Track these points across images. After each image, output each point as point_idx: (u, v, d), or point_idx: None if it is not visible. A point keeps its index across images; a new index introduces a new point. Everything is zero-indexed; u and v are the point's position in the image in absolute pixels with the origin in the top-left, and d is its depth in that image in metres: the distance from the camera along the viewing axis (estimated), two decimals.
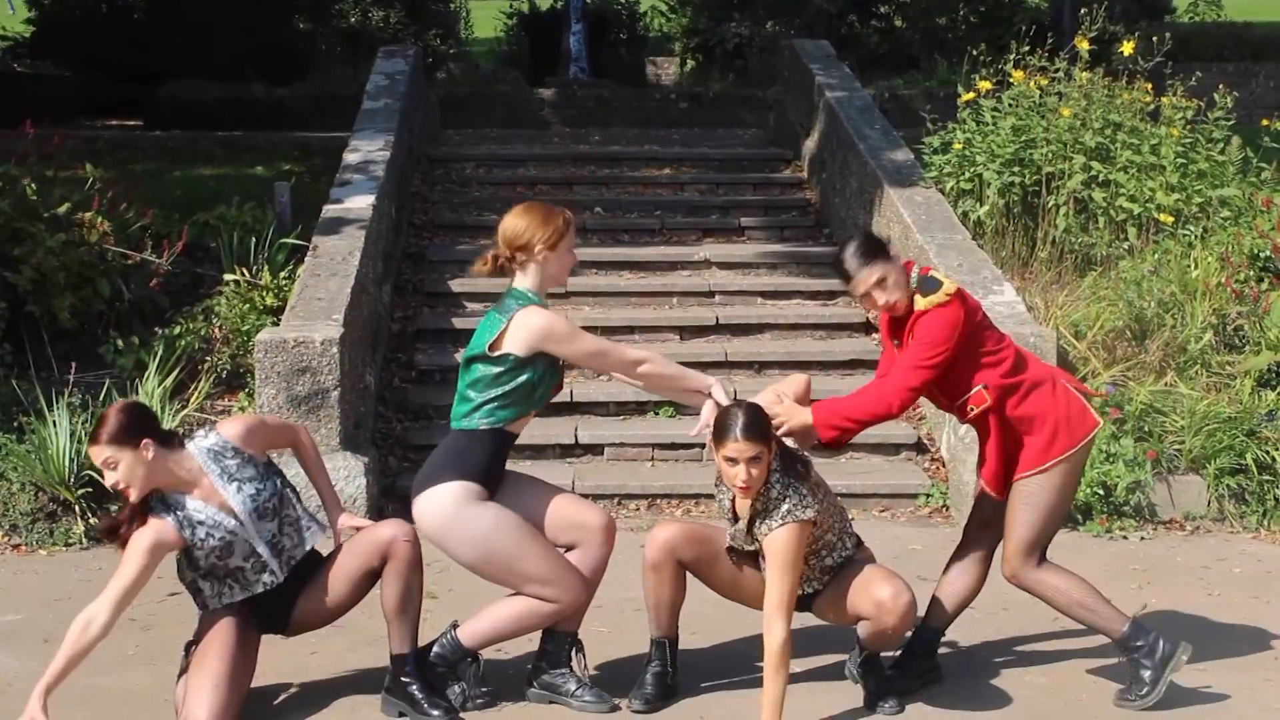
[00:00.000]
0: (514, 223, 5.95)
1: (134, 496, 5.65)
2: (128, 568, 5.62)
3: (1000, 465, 6.03)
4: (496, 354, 5.81)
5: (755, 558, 5.93)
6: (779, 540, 5.64)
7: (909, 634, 6.18)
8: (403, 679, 5.89)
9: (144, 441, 5.61)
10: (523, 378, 5.83)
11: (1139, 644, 6.05)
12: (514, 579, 5.88)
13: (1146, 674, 6.01)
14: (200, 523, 5.71)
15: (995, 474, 6.04)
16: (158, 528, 5.68)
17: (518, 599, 5.92)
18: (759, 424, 5.66)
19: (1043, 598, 6.14)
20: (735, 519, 5.90)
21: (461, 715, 5.90)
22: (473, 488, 5.81)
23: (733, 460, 5.63)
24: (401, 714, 5.89)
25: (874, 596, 5.79)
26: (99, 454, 5.61)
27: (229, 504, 5.74)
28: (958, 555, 6.28)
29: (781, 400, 5.96)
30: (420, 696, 5.86)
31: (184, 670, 5.86)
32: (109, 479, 5.64)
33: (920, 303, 5.89)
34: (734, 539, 5.95)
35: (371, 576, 5.92)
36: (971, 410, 5.95)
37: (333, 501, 6.19)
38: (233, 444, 5.81)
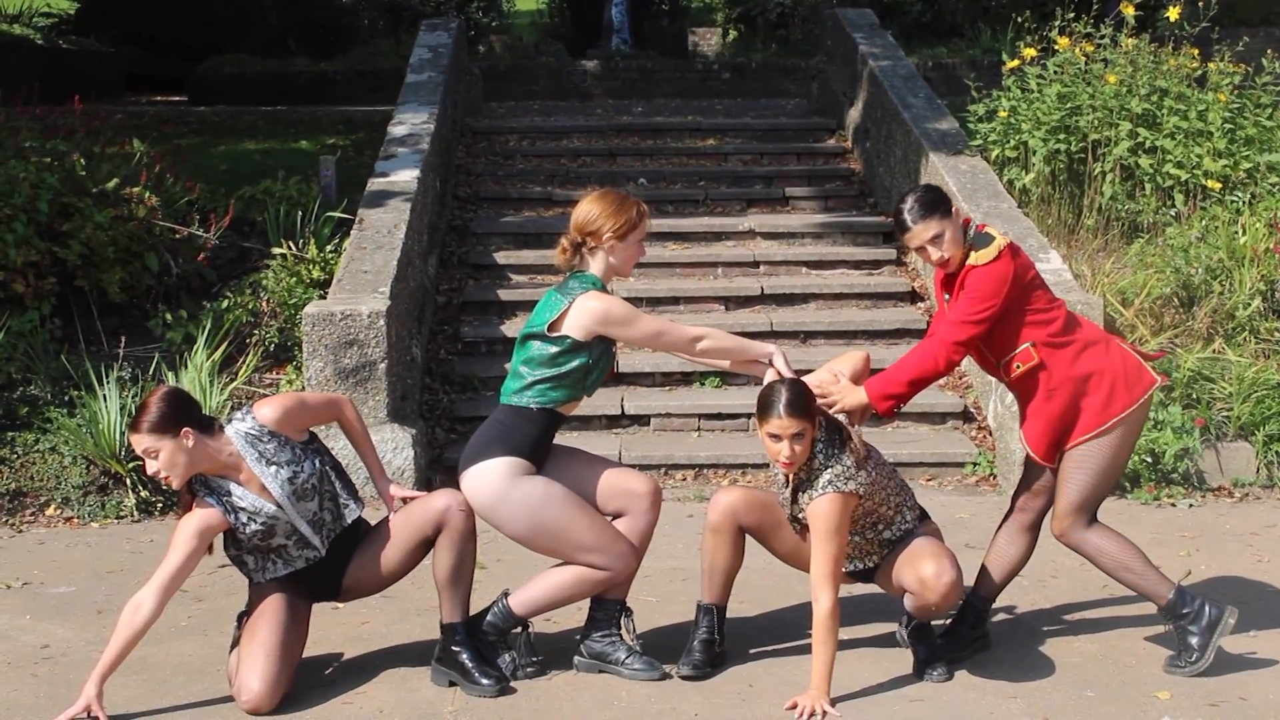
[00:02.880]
0: (587, 208, 5.98)
1: (175, 484, 5.69)
2: (175, 553, 5.66)
3: (1049, 430, 5.96)
4: (555, 335, 5.84)
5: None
6: (820, 510, 5.68)
7: (958, 605, 6.18)
8: (453, 648, 5.92)
9: (184, 430, 5.63)
10: (578, 361, 5.85)
11: (1185, 611, 6.03)
12: (564, 549, 5.90)
13: (1194, 640, 6.00)
14: (242, 508, 5.75)
15: (1043, 438, 5.97)
16: (204, 513, 5.72)
17: (568, 567, 5.95)
18: (801, 401, 5.67)
19: (1090, 558, 6.11)
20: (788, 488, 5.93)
21: (512, 684, 5.93)
22: (520, 463, 5.85)
23: (776, 437, 5.66)
24: (452, 683, 5.91)
25: (919, 573, 5.81)
26: (140, 443, 5.63)
27: (268, 488, 5.77)
28: (1006, 524, 6.26)
29: (838, 379, 5.96)
30: (471, 666, 5.89)
31: (236, 641, 5.91)
32: (150, 468, 5.66)
33: (972, 257, 5.87)
34: (785, 508, 5.98)
35: (425, 545, 5.94)
36: (1017, 368, 5.92)
37: (379, 473, 6.21)
38: (269, 428, 5.82)
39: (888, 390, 5.93)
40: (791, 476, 5.83)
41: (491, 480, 5.83)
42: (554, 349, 5.85)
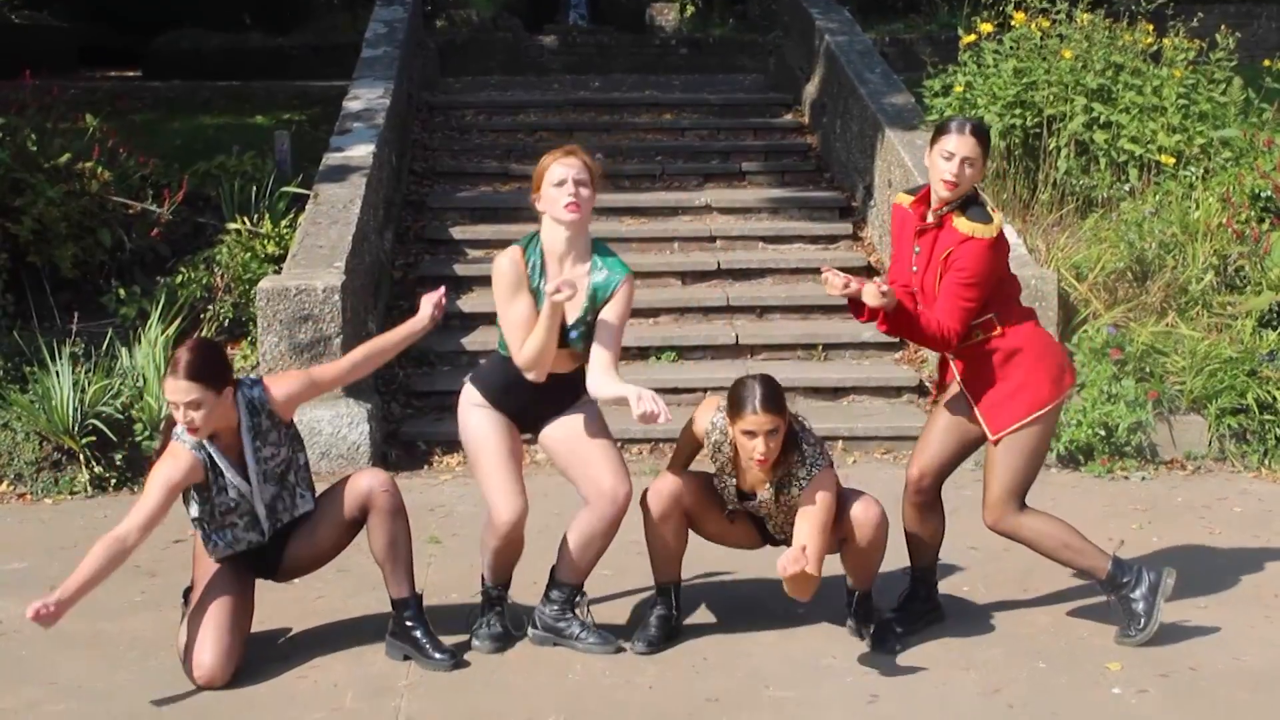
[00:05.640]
0: None
1: (201, 435, 5.67)
2: (153, 494, 5.61)
3: (1006, 407, 5.99)
4: None
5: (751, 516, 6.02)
6: (824, 498, 5.70)
7: (908, 574, 6.23)
8: (407, 623, 5.92)
9: (227, 389, 5.67)
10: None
11: (1125, 580, 6.07)
12: (476, 480, 6.06)
13: (1139, 606, 6.03)
14: (220, 473, 5.74)
15: (1003, 419, 5.97)
16: (184, 458, 5.68)
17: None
18: (776, 396, 5.67)
19: (1028, 543, 6.11)
20: (741, 498, 5.94)
21: (465, 658, 5.94)
22: (474, 393, 5.96)
23: (751, 434, 5.65)
24: (406, 657, 5.92)
25: (850, 516, 5.86)
26: (187, 392, 5.56)
27: (246, 461, 5.76)
28: (912, 509, 6.21)
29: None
30: (425, 640, 5.89)
31: (184, 617, 5.90)
32: (183, 417, 5.61)
33: (965, 225, 5.84)
34: (736, 504, 6.01)
35: (354, 525, 5.95)
36: (977, 336, 5.92)
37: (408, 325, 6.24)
38: (270, 406, 5.82)
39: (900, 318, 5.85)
40: (763, 480, 5.83)
41: (460, 399, 6.02)
42: None
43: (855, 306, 5.86)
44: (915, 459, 6.18)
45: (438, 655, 5.87)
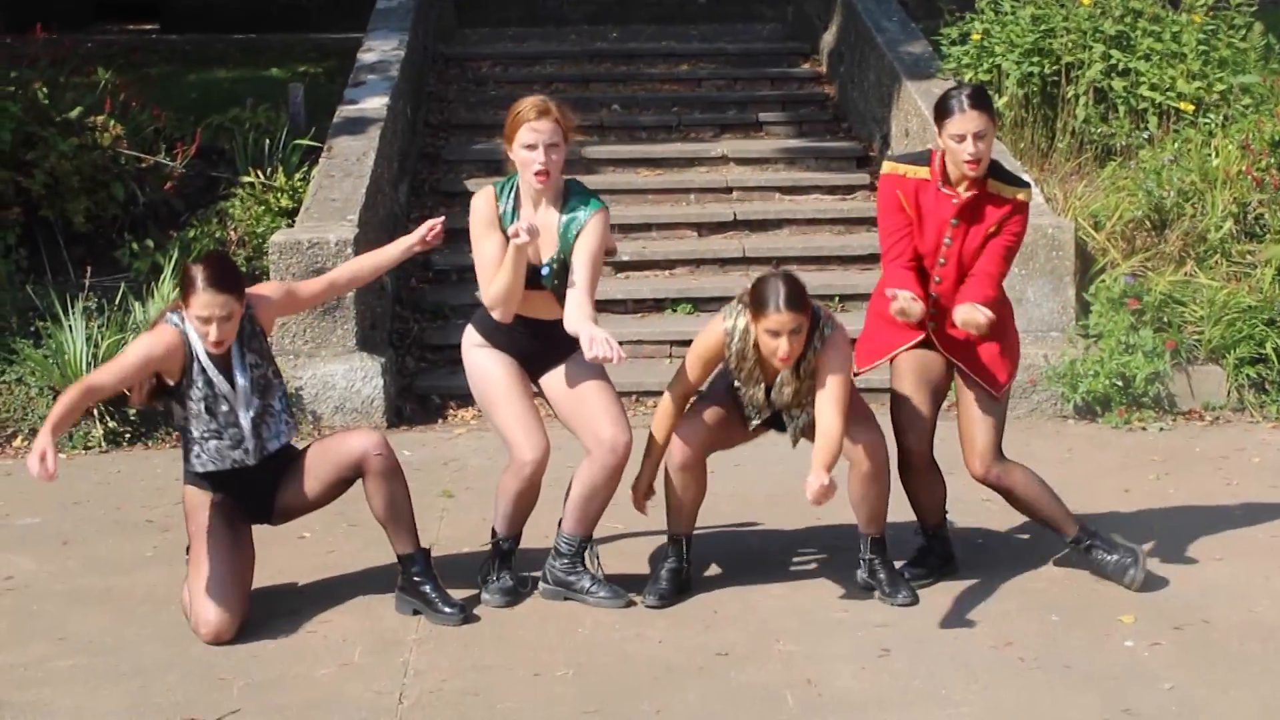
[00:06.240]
0: None
1: (224, 348, 5.69)
2: (129, 356, 5.65)
3: (1009, 358, 6.03)
4: None
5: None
6: (839, 377, 5.69)
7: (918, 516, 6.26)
8: (415, 578, 5.92)
9: (246, 294, 5.73)
10: None
11: (1089, 540, 6.13)
12: (493, 425, 6.09)
13: (1113, 556, 6.09)
14: (204, 370, 5.71)
15: (994, 363, 6.01)
16: (168, 334, 5.68)
17: (501, 475, 6.00)
18: (799, 294, 5.62)
19: (1012, 490, 6.12)
20: (769, 406, 5.90)
21: (475, 611, 5.93)
22: (474, 335, 6.04)
23: (774, 333, 5.62)
24: (416, 611, 5.91)
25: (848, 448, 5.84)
26: (225, 305, 5.57)
27: (234, 367, 5.75)
28: (909, 473, 6.21)
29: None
30: (434, 595, 5.88)
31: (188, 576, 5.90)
32: (216, 332, 5.59)
33: (1008, 190, 5.92)
34: (764, 411, 5.97)
35: (346, 483, 5.94)
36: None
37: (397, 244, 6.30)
38: (253, 311, 5.81)
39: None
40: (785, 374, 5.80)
41: (462, 343, 6.13)
42: None
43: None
44: (908, 430, 6.09)
45: (447, 610, 5.85)
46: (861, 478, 5.91)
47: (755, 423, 6.01)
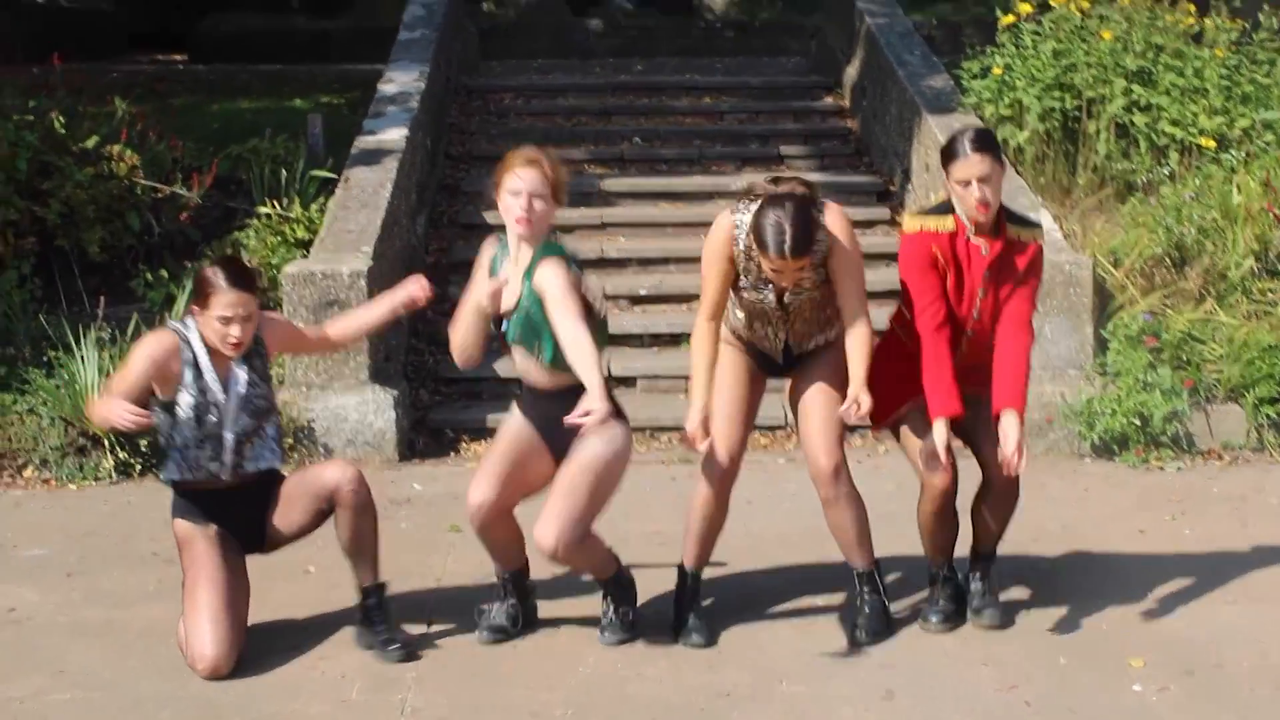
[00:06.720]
0: None
1: (242, 349, 5.72)
2: (135, 363, 5.66)
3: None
4: None
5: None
6: (838, 244, 5.73)
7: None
8: (368, 610, 5.94)
9: (260, 300, 5.84)
10: None
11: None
12: None
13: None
14: (201, 374, 5.72)
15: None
16: (169, 337, 5.73)
17: None
18: (805, 240, 5.54)
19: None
20: (782, 314, 5.89)
21: (417, 653, 5.90)
22: (515, 402, 6.06)
23: (778, 272, 5.61)
24: (370, 646, 5.89)
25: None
26: (247, 304, 5.66)
27: (229, 377, 5.77)
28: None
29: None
30: (380, 628, 5.90)
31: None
32: (238, 331, 5.64)
33: (1026, 233, 5.90)
34: (777, 332, 5.98)
35: (322, 515, 5.92)
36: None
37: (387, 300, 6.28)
38: (261, 334, 5.85)
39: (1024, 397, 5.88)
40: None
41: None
42: None
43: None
44: (945, 470, 5.89)
45: (390, 648, 5.85)
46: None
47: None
